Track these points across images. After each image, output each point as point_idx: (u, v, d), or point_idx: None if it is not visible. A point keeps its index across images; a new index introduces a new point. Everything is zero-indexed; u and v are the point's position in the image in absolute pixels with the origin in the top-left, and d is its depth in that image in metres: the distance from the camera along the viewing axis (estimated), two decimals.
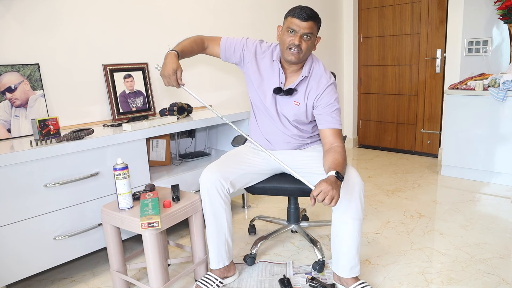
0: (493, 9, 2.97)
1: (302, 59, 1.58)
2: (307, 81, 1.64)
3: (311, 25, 1.52)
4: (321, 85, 1.62)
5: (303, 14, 1.50)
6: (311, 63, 1.65)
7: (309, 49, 1.57)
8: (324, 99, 1.61)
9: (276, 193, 1.73)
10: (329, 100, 1.61)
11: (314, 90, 1.62)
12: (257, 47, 1.72)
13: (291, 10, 1.55)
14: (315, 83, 1.63)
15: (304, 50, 1.54)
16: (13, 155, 1.44)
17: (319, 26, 1.57)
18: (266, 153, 1.59)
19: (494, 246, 1.92)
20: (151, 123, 1.92)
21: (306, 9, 1.51)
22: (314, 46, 1.60)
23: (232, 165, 1.64)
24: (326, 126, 1.60)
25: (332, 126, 1.59)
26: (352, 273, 1.54)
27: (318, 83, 1.62)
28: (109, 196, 1.77)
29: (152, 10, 2.32)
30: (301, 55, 1.55)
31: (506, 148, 2.72)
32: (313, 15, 1.51)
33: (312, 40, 1.55)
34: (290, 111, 1.66)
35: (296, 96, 1.64)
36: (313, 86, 1.63)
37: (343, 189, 1.45)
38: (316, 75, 1.64)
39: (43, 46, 1.90)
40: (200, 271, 1.71)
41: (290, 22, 1.53)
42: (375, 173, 3.24)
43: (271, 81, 1.67)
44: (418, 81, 3.67)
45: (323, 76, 1.63)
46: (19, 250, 1.50)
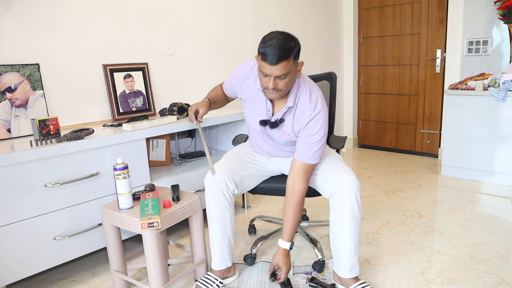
0: (493, 9, 2.97)
1: (284, 94, 1.46)
2: (293, 111, 1.52)
3: (283, 66, 1.34)
4: (304, 117, 1.50)
5: (273, 59, 1.32)
6: (297, 91, 1.50)
7: (289, 84, 1.43)
8: (307, 130, 1.50)
9: (276, 193, 1.73)
10: (311, 131, 1.49)
11: (298, 122, 1.52)
12: (238, 77, 1.61)
13: (261, 46, 1.36)
14: (299, 115, 1.51)
15: (283, 88, 1.42)
16: (13, 155, 1.44)
17: (295, 57, 1.38)
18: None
19: (494, 246, 1.92)
20: (151, 123, 1.92)
21: (276, 50, 1.32)
22: (296, 74, 1.45)
23: (236, 165, 1.64)
24: (298, 157, 1.51)
25: (304, 160, 1.50)
26: (352, 273, 1.54)
27: (302, 115, 1.50)
28: (109, 196, 1.77)
29: (152, 10, 2.32)
30: (281, 93, 1.44)
31: (506, 148, 2.72)
32: (283, 55, 1.32)
33: (289, 76, 1.39)
34: (281, 139, 1.61)
35: (284, 126, 1.55)
36: (298, 117, 1.52)
37: (338, 190, 1.47)
38: (301, 106, 1.50)
39: (43, 46, 1.90)
40: (200, 271, 1.71)
41: (261, 65, 1.38)
42: (375, 173, 3.24)
43: (258, 110, 1.58)
44: (418, 81, 3.67)
45: (307, 108, 1.49)
46: (19, 250, 1.50)
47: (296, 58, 1.39)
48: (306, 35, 3.51)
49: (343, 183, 1.46)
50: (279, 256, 1.56)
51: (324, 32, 3.73)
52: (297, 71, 1.45)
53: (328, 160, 1.61)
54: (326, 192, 1.53)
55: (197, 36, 2.59)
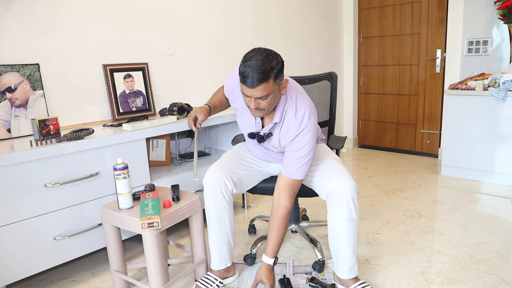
0: (493, 9, 2.97)
1: (269, 112, 1.45)
2: (280, 126, 1.51)
3: (263, 88, 1.32)
4: (289, 134, 1.48)
5: (252, 82, 1.30)
6: (284, 106, 1.48)
7: (272, 104, 1.41)
8: (293, 146, 1.48)
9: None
10: (297, 146, 1.46)
11: (284, 137, 1.51)
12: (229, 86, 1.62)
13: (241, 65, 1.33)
14: (285, 131, 1.50)
15: (266, 107, 1.40)
16: (13, 155, 1.44)
17: (276, 77, 1.34)
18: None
19: (494, 246, 1.92)
20: (151, 123, 1.92)
21: (254, 72, 1.29)
22: (281, 91, 1.42)
23: (235, 165, 1.64)
24: (284, 172, 1.51)
25: (290, 175, 1.48)
26: (351, 274, 1.54)
27: (288, 131, 1.49)
28: (109, 196, 1.77)
29: (152, 10, 2.32)
30: (265, 112, 1.43)
31: (506, 148, 2.72)
32: (261, 77, 1.30)
33: (272, 96, 1.37)
34: (271, 149, 1.61)
35: (272, 140, 1.55)
36: (283, 133, 1.50)
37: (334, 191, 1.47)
38: (287, 123, 1.48)
39: (43, 46, 1.90)
40: (200, 271, 1.71)
41: (241, 86, 1.37)
42: (375, 173, 3.24)
43: (248, 122, 1.58)
44: (418, 81, 3.67)
45: (292, 125, 1.47)
46: (19, 250, 1.50)
47: (277, 78, 1.35)
48: (306, 35, 3.51)
49: (340, 184, 1.46)
50: (262, 271, 1.55)
51: (324, 32, 3.73)
52: (281, 89, 1.41)
53: (325, 161, 1.61)
54: (323, 193, 1.53)
55: (197, 36, 2.59)
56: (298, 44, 3.43)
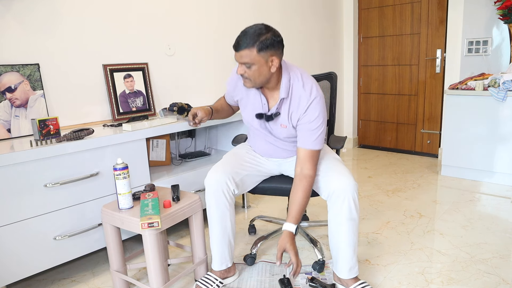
0: (493, 9, 2.97)
1: (257, 84, 1.47)
2: (288, 102, 1.52)
3: (244, 54, 1.38)
4: (301, 105, 1.50)
5: (236, 44, 1.37)
6: (288, 81, 1.50)
7: (256, 76, 1.43)
8: (306, 117, 1.50)
9: (276, 193, 1.73)
10: (310, 118, 1.50)
11: (296, 112, 1.52)
12: (231, 82, 1.67)
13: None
14: (296, 104, 1.51)
15: (252, 78, 1.44)
16: (13, 155, 1.44)
17: (261, 50, 1.37)
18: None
19: (494, 246, 1.92)
20: (151, 123, 1.92)
21: (241, 36, 1.37)
22: (268, 68, 1.43)
23: (236, 165, 1.64)
24: (301, 145, 1.52)
25: (308, 146, 1.51)
26: (351, 274, 1.54)
27: (299, 104, 1.51)
28: (109, 196, 1.77)
29: (152, 10, 2.32)
30: (251, 83, 1.46)
31: (506, 148, 2.72)
32: (244, 42, 1.35)
33: (256, 67, 1.40)
34: (280, 133, 1.61)
35: (280, 118, 1.56)
36: (294, 107, 1.52)
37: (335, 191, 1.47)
38: (296, 96, 1.51)
39: (43, 46, 1.90)
40: (200, 271, 1.71)
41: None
42: (375, 173, 3.24)
43: (255, 105, 1.61)
44: (418, 81, 3.67)
45: (303, 96, 1.50)
46: (19, 250, 1.50)
47: (262, 50, 1.37)
48: (306, 35, 3.51)
49: (340, 184, 1.46)
50: (285, 240, 1.47)
51: (324, 32, 3.73)
52: (269, 65, 1.42)
53: (326, 161, 1.61)
54: (324, 193, 1.53)
55: (197, 36, 2.59)
56: (298, 44, 3.43)
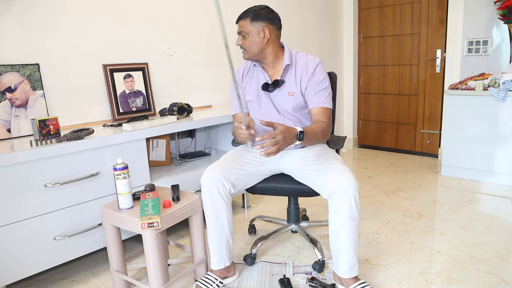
0: (493, 9, 2.97)
1: (252, 54, 1.67)
2: (294, 68, 1.67)
3: (241, 24, 1.64)
4: (310, 66, 1.65)
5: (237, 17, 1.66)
6: (290, 53, 1.69)
7: (250, 45, 1.65)
8: (315, 78, 1.65)
9: (276, 193, 1.73)
10: (319, 78, 1.65)
11: (305, 74, 1.65)
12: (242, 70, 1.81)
13: None
14: (302, 67, 1.66)
15: (247, 47, 1.66)
16: (13, 155, 1.44)
17: (253, 20, 1.62)
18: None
19: (494, 246, 1.92)
20: (151, 123, 1.92)
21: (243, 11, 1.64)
22: (262, 38, 1.63)
23: (233, 165, 1.64)
24: (314, 105, 1.65)
25: (320, 105, 1.65)
26: (351, 273, 1.54)
27: (306, 65, 1.66)
28: (109, 196, 1.77)
29: (152, 10, 2.32)
30: (247, 53, 1.67)
31: (506, 148, 2.72)
32: (242, 14, 1.63)
33: (249, 37, 1.64)
34: (287, 103, 1.69)
35: (287, 86, 1.67)
36: (303, 70, 1.66)
37: (336, 190, 1.46)
38: (301, 60, 1.68)
39: (43, 46, 1.90)
40: (200, 271, 1.71)
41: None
42: (375, 173, 3.24)
43: (258, 84, 1.74)
44: (418, 81, 3.67)
45: (309, 59, 1.67)
46: (19, 250, 1.50)
47: (254, 20, 1.61)
48: (306, 35, 3.51)
49: (341, 183, 1.46)
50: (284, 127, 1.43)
51: (324, 32, 3.73)
52: (261, 35, 1.63)
53: (326, 160, 1.61)
54: (325, 192, 1.53)
55: (197, 36, 2.59)
56: (298, 44, 3.43)
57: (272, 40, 1.66)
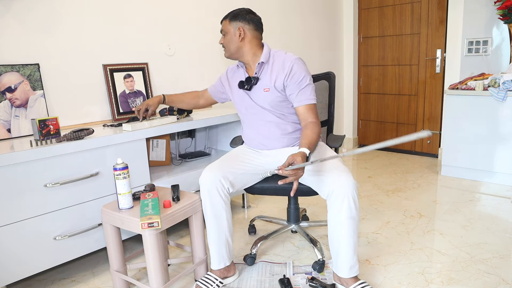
0: (493, 9, 2.97)
1: (231, 52, 1.72)
2: (270, 66, 1.68)
3: (223, 23, 1.72)
4: (286, 64, 1.65)
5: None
6: (268, 51, 1.71)
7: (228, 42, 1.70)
8: (294, 77, 1.63)
9: (276, 193, 1.73)
10: (299, 76, 1.63)
11: (281, 72, 1.65)
12: (228, 72, 1.88)
13: None
14: (279, 65, 1.66)
15: (225, 45, 1.72)
16: (13, 155, 1.44)
17: (232, 19, 1.69)
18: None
19: (494, 246, 1.92)
20: (151, 123, 1.92)
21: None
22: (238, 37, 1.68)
23: (231, 165, 1.64)
24: (299, 103, 1.65)
25: (305, 102, 1.65)
26: (351, 273, 1.54)
27: (283, 64, 1.65)
28: (109, 196, 1.77)
29: (152, 10, 2.32)
30: (226, 52, 1.73)
31: (506, 148, 2.72)
32: (225, 16, 1.71)
33: (228, 35, 1.70)
34: (264, 99, 1.70)
35: (262, 83, 1.69)
36: (279, 68, 1.66)
37: (335, 190, 1.47)
38: (279, 59, 1.68)
39: (43, 46, 1.90)
40: (200, 271, 1.71)
41: None
42: (375, 173, 3.24)
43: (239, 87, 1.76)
44: (418, 81, 3.67)
45: (287, 57, 1.67)
46: (19, 250, 1.50)
47: (232, 20, 1.69)
48: (306, 35, 3.51)
49: (340, 183, 1.46)
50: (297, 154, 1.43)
51: (324, 32, 3.73)
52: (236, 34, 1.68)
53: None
54: (323, 193, 1.53)
55: (197, 36, 2.59)
56: (298, 44, 3.43)
57: (248, 39, 1.69)
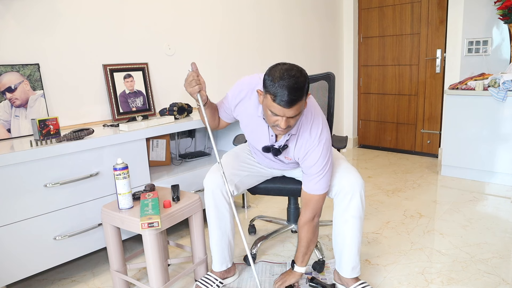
0: (493, 9, 2.97)
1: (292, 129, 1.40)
2: (296, 138, 1.45)
3: (297, 107, 1.26)
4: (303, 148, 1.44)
5: (287, 102, 1.23)
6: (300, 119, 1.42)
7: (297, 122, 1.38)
8: (307, 162, 1.44)
9: (279, 193, 1.73)
10: (310, 163, 1.43)
11: (298, 150, 1.46)
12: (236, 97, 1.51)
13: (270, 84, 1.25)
14: (300, 145, 1.45)
15: (293, 125, 1.34)
16: (13, 155, 1.44)
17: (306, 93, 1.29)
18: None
19: (494, 246, 1.92)
20: (148, 123, 1.92)
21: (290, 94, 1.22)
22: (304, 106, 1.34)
23: (236, 167, 1.63)
24: (303, 187, 1.49)
25: (309, 191, 1.46)
26: (353, 273, 1.54)
27: (302, 145, 1.44)
28: (109, 196, 1.77)
29: (152, 10, 2.32)
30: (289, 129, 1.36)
31: (506, 148, 2.72)
32: (296, 98, 1.23)
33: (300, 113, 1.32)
34: (283, 161, 1.57)
35: (286, 152, 1.50)
36: (299, 146, 1.46)
37: (343, 189, 1.47)
38: (302, 137, 1.44)
39: (43, 46, 1.90)
40: (200, 271, 1.71)
41: (272, 106, 1.26)
42: (375, 173, 3.24)
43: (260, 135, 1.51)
44: (418, 81, 3.67)
45: (306, 139, 1.43)
46: (19, 250, 1.50)
47: (306, 94, 1.29)
48: (306, 35, 3.51)
49: (349, 182, 1.46)
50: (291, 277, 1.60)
51: (324, 32, 3.73)
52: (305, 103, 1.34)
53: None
54: (331, 191, 1.53)
55: (197, 35, 2.59)
56: (299, 44, 3.43)
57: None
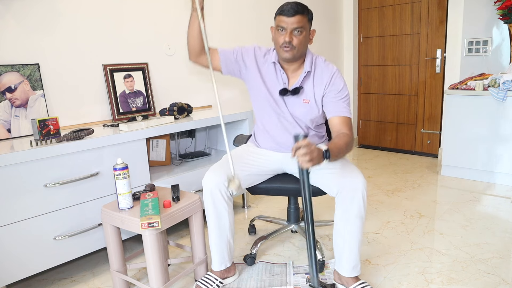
0: (493, 9, 2.97)
1: (297, 55, 1.55)
2: (312, 76, 1.61)
3: (299, 19, 1.49)
4: (326, 75, 1.60)
5: (290, 10, 1.48)
6: (311, 57, 1.63)
7: (303, 44, 1.54)
8: (333, 87, 1.59)
9: (279, 193, 1.73)
10: (337, 87, 1.59)
11: (320, 83, 1.60)
12: (256, 51, 1.68)
13: (278, 8, 1.53)
14: (319, 75, 1.61)
15: (297, 46, 1.52)
16: (13, 155, 1.44)
17: (310, 18, 1.54)
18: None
19: (494, 246, 1.92)
20: (148, 123, 1.92)
21: (293, 4, 1.49)
22: (309, 40, 1.58)
23: (235, 166, 1.63)
24: (333, 114, 1.59)
25: (340, 114, 1.58)
26: (353, 273, 1.54)
27: (322, 74, 1.60)
28: (109, 196, 1.77)
29: (152, 10, 2.32)
30: (295, 51, 1.53)
31: (506, 148, 2.72)
32: (300, 9, 1.49)
33: (304, 34, 1.52)
34: (301, 111, 1.63)
35: (303, 94, 1.61)
36: (318, 78, 1.61)
37: (345, 188, 1.46)
38: (319, 68, 1.62)
39: (43, 46, 1.90)
40: (200, 271, 1.71)
41: (279, 20, 1.51)
42: (375, 173, 3.24)
43: (274, 84, 1.64)
44: (418, 81, 3.67)
45: (324, 69, 1.61)
46: (19, 250, 1.50)
47: (310, 20, 1.54)
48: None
49: (351, 181, 1.46)
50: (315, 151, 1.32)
51: (324, 32, 3.73)
52: (310, 36, 1.58)
53: None
54: (333, 190, 1.52)
55: None
56: None
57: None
